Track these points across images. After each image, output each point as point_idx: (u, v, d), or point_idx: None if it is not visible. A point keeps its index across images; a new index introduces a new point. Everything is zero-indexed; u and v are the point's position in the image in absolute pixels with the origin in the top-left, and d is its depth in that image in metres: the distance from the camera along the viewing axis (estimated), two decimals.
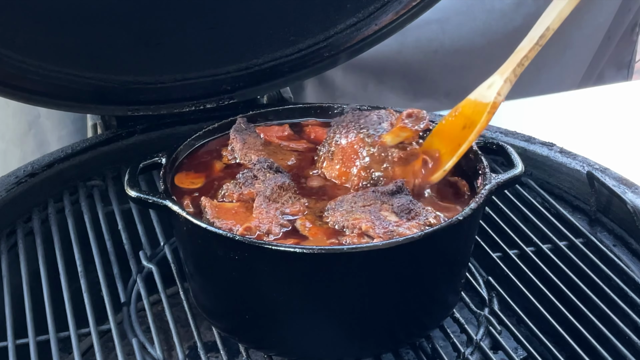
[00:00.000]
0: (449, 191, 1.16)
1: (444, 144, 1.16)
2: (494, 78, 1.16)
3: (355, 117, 1.20)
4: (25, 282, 1.24)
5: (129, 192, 1.12)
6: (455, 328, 1.17)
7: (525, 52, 1.14)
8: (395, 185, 1.09)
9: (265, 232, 1.04)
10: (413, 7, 1.48)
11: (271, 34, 1.46)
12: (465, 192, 1.15)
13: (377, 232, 1.02)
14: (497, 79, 1.15)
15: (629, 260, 1.29)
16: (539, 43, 1.14)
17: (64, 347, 1.22)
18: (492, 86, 1.15)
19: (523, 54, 1.14)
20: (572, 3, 1.12)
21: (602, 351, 1.10)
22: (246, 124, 1.27)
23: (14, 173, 1.39)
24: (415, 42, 2.23)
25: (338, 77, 2.24)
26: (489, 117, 1.14)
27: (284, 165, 1.18)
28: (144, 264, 1.29)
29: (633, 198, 1.31)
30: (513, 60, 1.16)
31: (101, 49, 1.37)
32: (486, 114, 1.14)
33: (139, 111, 1.45)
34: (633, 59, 2.76)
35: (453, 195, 1.15)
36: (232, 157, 1.22)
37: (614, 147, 1.74)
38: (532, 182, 1.45)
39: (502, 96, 1.14)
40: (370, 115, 1.19)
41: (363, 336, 1.09)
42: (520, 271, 1.26)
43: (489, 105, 1.14)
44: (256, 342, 1.12)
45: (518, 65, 1.15)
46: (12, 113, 2.01)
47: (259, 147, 1.22)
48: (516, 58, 1.15)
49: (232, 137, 1.24)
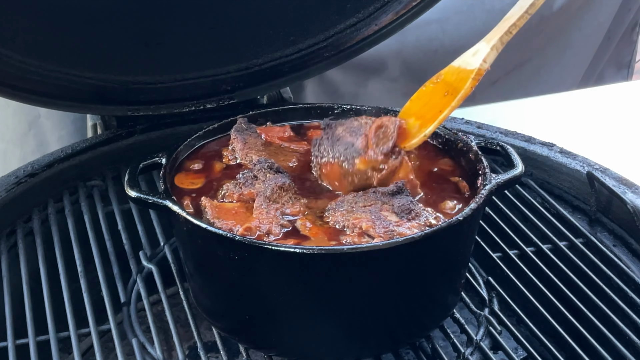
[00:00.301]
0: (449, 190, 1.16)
1: (424, 110, 1.13)
2: (480, 45, 1.13)
3: (330, 141, 1.15)
4: (25, 282, 1.24)
5: (129, 192, 1.12)
6: (455, 328, 1.17)
7: (514, 20, 1.11)
8: (396, 186, 1.09)
9: (266, 233, 1.04)
10: (413, 7, 1.48)
11: (271, 34, 1.46)
12: (466, 192, 1.15)
13: (377, 231, 1.02)
14: (483, 46, 1.12)
15: (629, 261, 1.29)
16: (529, 12, 1.11)
17: (64, 347, 1.22)
18: (477, 53, 1.12)
19: (511, 21, 1.11)
20: None
21: (602, 351, 1.10)
22: (247, 124, 1.27)
23: (14, 173, 1.39)
24: (415, 42, 2.23)
25: (338, 77, 2.24)
26: (474, 84, 1.11)
27: (285, 166, 1.18)
28: (144, 264, 1.29)
29: (633, 198, 1.32)
30: (501, 27, 1.12)
31: (101, 49, 1.37)
32: (470, 80, 1.10)
33: (139, 111, 1.45)
34: (633, 59, 2.76)
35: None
36: (232, 158, 1.22)
37: (614, 147, 1.74)
38: (532, 182, 1.45)
39: (487, 63, 1.11)
40: (344, 136, 1.14)
41: (363, 336, 1.09)
42: (520, 271, 1.26)
43: (473, 71, 1.11)
44: (256, 342, 1.12)
45: (505, 33, 1.11)
46: (12, 113, 2.01)
47: (260, 148, 1.22)
48: (504, 26, 1.12)
49: (233, 137, 1.24)
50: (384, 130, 1.12)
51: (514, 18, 1.12)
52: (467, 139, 1.21)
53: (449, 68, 1.15)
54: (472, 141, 1.20)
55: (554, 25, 2.41)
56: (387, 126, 1.13)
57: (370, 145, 1.11)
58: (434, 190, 1.15)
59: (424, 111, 1.14)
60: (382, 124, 1.13)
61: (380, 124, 1.13)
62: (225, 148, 1.24)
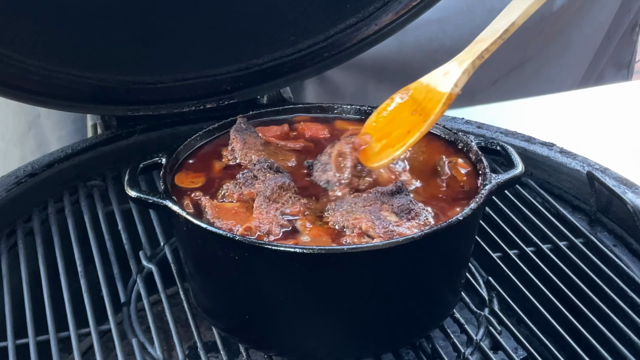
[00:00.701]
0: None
1: (391, 127, 1.13)
2: (451, 66, 1.11)
3: (315, 181, 1.17)
4: (25, 282, 1.24)
5: (129, 192, 1.12)
6: (455, 328, 1.17)
7: (487, 44, 1.09)
8: (395, 186, 1.09)
9: (266, 233, 1.04)
10: (413, 7, 1.48)
11: (271, 34, 1.46)
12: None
13: (377, 231, 1.02)
14: (455, 68, 1.10)
15: (629, 261, 1.29)
16: (502, 37, 1.09)
17: (64, 347, 1.22)
18: (448, 74, 1.10)
19: (485, 46, 1.09)
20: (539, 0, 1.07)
21: (602, 351, 1.10)
22: (246, 123, 1.27)
23: (14, 173, 1.39)
24: (415, 42, 2.23)
25: (338, 77, 2.24)
26: (444, 109, 1.09)
27: (284, 166, 1.18)
28: (144, 264, 1.29)
29: (633, 198, 1.32)
30: (473, 51, 1.10)
31: (101, 49, 1.37)
32: (441, 104, 1.09)
33: (139, 111, 1.45)
34: (633, 59, 2.76)
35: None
36: (232, 157, 1.22)
37: (614, 147, 1.74)
38: (532, 182, 1.45)
39: (458, 88, 1.10)
40: (319, 175, 1.16)
41: (363, 336, 1.09)
42: (521, 271, 1.26)
43: (444, 96, 1.09)
44: (256, 342, 1.12)
45: (478, 57, 1.10)
46: (12, 113, 2.01)
47: (259, 148, 1.22)
48: (476, 49, 1.10)
49: (233, 137, 1.24)
50: (343, 158, 1.14)
51: (487, 42, 1.09)
52: (467, 139, 1.21)
53: (418, 84, 1.14)
54: (472, 141, 1.21)
55: (554, 25, 2.41)
56: (344, 153, 1.14)
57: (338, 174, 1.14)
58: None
59: (390, 128, 1.13)
60: (340, 152, 1.15)
61: (338, 152, 1.15)
62: (225, 148, 1.24)
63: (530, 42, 2.40)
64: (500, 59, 2.40)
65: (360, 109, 1.31)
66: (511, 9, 1.10)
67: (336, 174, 1.14)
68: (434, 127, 1.22)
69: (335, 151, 1.16)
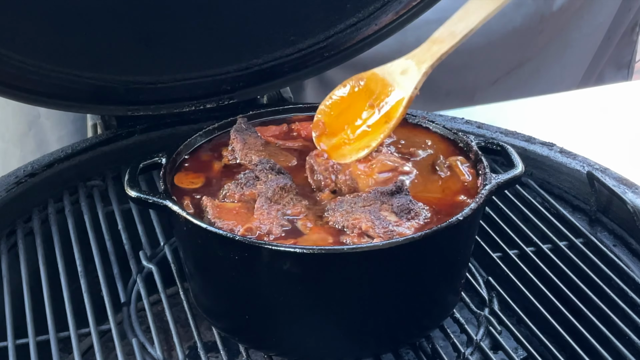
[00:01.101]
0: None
1: (346, 115, 1.13)
2: (409, 64, 1.10)
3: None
4: (25, 282, 1.24)
5: (129, 192, 1.11)
6: (455, 328, 1.17)
7: (447, 48, 1.08)
8: (395, 186, 1.09)
9: (266, 233, 1.04)
10: (413, 7, 1.48)
11: (271, 34, 1.46)
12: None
13: (377, 232, 1.02)
14: (413, 69, 1.09)
15: (629, 261, 1.29)
16: (461, 41, 1.09)
17: (64, 347, 1.22)
18: (407, 74, 1.10)
19: (444, 48, 1.08)
20: (501, 4, 1.06)
21: (602, 351, 1.10)
22: (247, 124, 1.27)
23: (14, 173, 1.39)
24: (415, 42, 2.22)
25: (338, 77, 2.23)
26: (404, 112, 1.10)
27: (285, 167, 1.18)
28: (144, 264, 1.29)
29: (633, 198, 1.32)
30: (432, 52, 1.09)
31: (101, 49, 1.37)
32: (402, 108, 1.09)
33: (139, 111, 1.45)
34: (633, 59, 2.76)
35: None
36: (232, 158, 1.22)
37: (614, 147, 1.74)
38: (532, 182, 1.45)
39: (418, 89, 1.10)
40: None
41: (363, 336, 1.09)
42: (521, 271, 1.26)
43: (404, 99, 1.09)
44: (256, 342, 1.12)
45: (437, 60, 1.09)
46: (12, 113, 2.01)
47: (260, 148, 1.22)
48: (435, 50, 1.09)
49: (233, 137, 1.24)
50: (311, 168, 1.16)
51: (447, 45, 1.09)
52: (467, 139, 1.21)
53: (372, 75, 1.13)
54: (472, 141, 1.21)
55: (553, 25, 2.41)
56: (311, 163, 1.16)
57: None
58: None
59: (346, 117, 1.14)
60: (309, 166, 1.17)
61: (309, 166, 1.17)
62: (225, 148, 1.24)
63: (530, 42, 2.40)
64: (500, 58, 2.40)
65: None
66: (468, 12, 1.09)
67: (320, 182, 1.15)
68: (437, 127, 1.25)
69: (308, 165, 1.17)
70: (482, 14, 1.07)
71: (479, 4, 1.08)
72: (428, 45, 1.11)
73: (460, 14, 1.09)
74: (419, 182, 1.15)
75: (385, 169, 1.16)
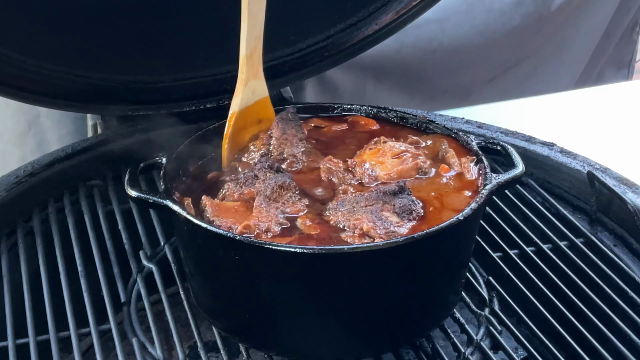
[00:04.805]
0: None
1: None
2: (257, 84, 1.25)
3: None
4: (25, 282, 1.24)
5: (129, 192, 1.11)
6: (455, 328, 1.17)
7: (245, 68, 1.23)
8: (397, 186, 1.08)
9: (264, 230, 1.04)
10: (413, 7, 1.48)
11: (271, 34, 1.46)
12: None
13: (378, 232, 1.02)
14: (257, 86, 1.26)
15: (629, 260, 1.29)
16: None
17: (64, 347, 1.22)
18: (255, 92, 1.25)
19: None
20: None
21: (603, 351, 1.10)
22: (294, 115, 1.26)
23: (14, 173, 1.39)
24: (415, 42, 2.23)
25: (338, 77, 2.24)
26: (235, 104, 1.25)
27: (312, 167, 1.18)
28: (144, 263, 1.29)
29: (633, 198, 1.32)
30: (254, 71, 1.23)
31: (101, 48, 1.37)
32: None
33: (139, 111, 1.45)
34: (633, 58, 2.76)
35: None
36: (266, 143, 1.22)
37: (614, 147, 1.74)
38: (532, 182, 1.45)
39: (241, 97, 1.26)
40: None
41: (363, 336, 1.09)
42: (521, 271, 1.26)
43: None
44: (256, 342, 1.12)
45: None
46: (12, 113, 2.01)
47: (295, 142, 1.21)
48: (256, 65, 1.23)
49: (274, 124, 1.23)
50: (329, 171, 1.19)
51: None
52: (468, 139, 1.21)
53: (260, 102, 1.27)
54: (472, 141, 1.20)
55: (551, 24, 2.41)
56: (327, 166, 1.19)
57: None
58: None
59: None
60: (326, 170, 1.18)
61: (326, 169, 1.18)
62: (263, 132, 1.25)
63: (528, 41, 2.40)
64: (497, 57, 2.41)
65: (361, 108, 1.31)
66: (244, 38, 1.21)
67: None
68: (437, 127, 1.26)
69: (323, 173, 1.18)
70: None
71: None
72: (247, 66, 1.24)
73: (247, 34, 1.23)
74: (419, 182, 1.15)
75: (395, 152, 1.18)
